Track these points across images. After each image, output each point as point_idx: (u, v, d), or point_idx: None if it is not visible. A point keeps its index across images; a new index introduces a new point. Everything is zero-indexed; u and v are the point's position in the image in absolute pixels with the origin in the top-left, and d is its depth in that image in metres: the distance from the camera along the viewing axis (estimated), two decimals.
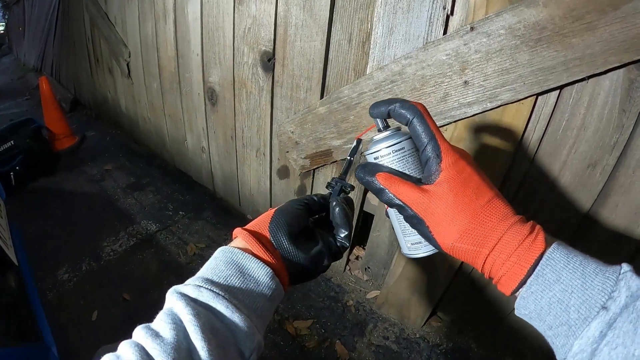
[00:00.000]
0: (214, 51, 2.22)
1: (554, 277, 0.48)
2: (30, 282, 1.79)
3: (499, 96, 1.17)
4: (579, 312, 0.45)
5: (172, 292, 0.57)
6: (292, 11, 1.65)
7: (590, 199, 1.18)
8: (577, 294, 0.46)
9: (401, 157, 0.62)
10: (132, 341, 0.51)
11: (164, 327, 0.52)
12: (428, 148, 0.57)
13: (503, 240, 0.52)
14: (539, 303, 0.48)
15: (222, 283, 0.59)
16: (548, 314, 0.48)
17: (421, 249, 0.65)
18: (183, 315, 0.53)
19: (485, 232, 0.53)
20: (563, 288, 0.47)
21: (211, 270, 0.61)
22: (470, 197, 0.55)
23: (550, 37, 1.03)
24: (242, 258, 0.62)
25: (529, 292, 0.49)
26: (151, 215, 2.79)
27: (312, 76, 1.70)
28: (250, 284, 0.61)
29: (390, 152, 0.62)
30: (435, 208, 0.56)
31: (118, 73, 3.64)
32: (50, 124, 3.81)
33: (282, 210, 0.69)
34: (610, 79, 1.03)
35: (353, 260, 2.22)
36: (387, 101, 0.61)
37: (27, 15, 7.44)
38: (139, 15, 2.92)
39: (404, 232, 0.67)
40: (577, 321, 0.45)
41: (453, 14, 1.23)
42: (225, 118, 2.39)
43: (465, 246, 0.54)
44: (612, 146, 1.08)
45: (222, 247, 0.66)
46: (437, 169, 0.57)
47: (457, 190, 0.55)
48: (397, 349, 1.78)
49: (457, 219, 0.55)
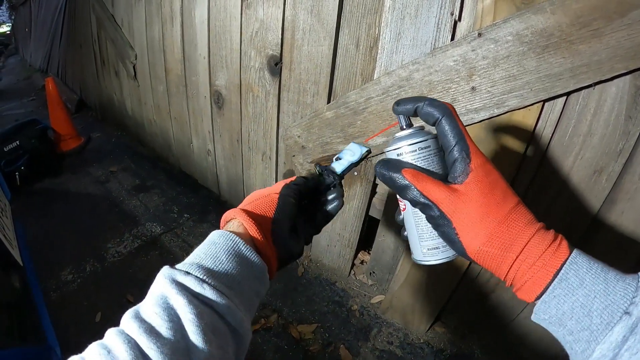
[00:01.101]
0: (221, 54, 2.23)
1: (577, 281, 0.47)
2: (34, 282, 1.79)
3: (506, 102, 1.17)
4: (602, 317, 0.45)
5: (169, 279, 0.53)
6: (300, 15, 1.66)
7: (596, 205, 1.18)
8: (599, 298, 0.46)
9: (427, 155, 0.59)
10: (123, 333, 0.48)
11: (160, 324, 0.49)
12: (456, 148, 0.55)
13: (530, 246, 0.51)
14: (561, 307, 0.48)
15: (224, 277, 0.57)
16: (570, 319, 0.47)
17: (438, 255, 0.64)
18: (183, 313, 0.50)
19: (513, 237, 0.52)
20: (586, 293, 0.47)
21: (211, 258, 0.58)
22: (498, 200, 0.54)
23: (557, 44, 1.03)
24: (245, 250, 0.60)
25: (551, 296, 0.49)
26: (156, 218, 2.80)
27: (319, 81, 1.71)
28: (248, 278, 0.60)
29: (415, 149, 0.59)
30: (465, 208, 0.54)
31: (124, 75, 3.65)
32: (56, 125, 3.83)
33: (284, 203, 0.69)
34: (616, 86, 1.03)
35: (358, 264, 2.22)
36: (413, 98, 0.60)
37: (33, 16, 7.47)
38: (146, 18, 2.93)
39: (421, 236, 0.64)
40: (600, 326, 0.45)
41: (461, 20, 1.23)
42: (231, 121, 2.40)
43: (493, 250, 0.53)
44: (618, 153, 1.09)
45: (221, 231, 0.62)
46: (465, 170, 0.55)
47: (487, 192, 0.54)
48: (401, 354, 1.78)
49: (486, 222, 0.53)
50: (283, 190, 0.70)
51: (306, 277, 2.21)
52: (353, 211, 1.91)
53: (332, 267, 2.24)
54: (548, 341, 1.51)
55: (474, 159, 0.55)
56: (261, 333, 1.87)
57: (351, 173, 1.75)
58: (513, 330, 1.60)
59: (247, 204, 0.71)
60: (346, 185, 1.85)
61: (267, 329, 1.89)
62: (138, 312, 0.51)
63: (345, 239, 2.06)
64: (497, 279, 1.51)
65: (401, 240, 1.80)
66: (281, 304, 2.03)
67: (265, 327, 1.89)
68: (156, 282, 0.55)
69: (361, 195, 1.83)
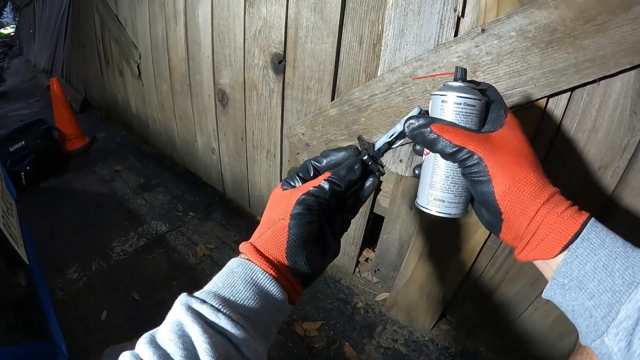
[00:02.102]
0: (225, 53, 2.23)
1: (598, 241, 0.48)
2: (40, 280, 1.80)
3: (510, 98, 1.17)
4: (624, 277, 0.45)
5: (185, 307, 0.53)
6: (303, 13, 1.66)
7: (601, 202, 1.18)
8: (620, 260, 0.46)
9: (468, 112, 0.59)
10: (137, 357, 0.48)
11: (174, 351, 0.48)
12: (497, 104, 0.61)
13: (555, 198, 0.53)
14: (584, 268, 0.48)
15: (240, 307, 0.55)
16: (592, 280, 0.47)
17: (441, 207, 0.63)
18: (198, 342, 0.49)
19: (542, 185, 0.54)
20: (608, 253, 0.47)
21: (228, 288, 0.57)
22: (527, 153, 0.57)
23: (561, 39, 1.03)
24: (262, 278, 0.58)
25: (574, 255, 0.49)
26: (161, 216, 2.81)
27: (323, 78, 1.71)
28: (266, 310, 0.58)
29: (462, 102, 0.59)
30: (497, 149, 0.56)
31: (128, 74, 3.67)
32: (61, 125, 3.84)
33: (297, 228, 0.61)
34: (621, 81, 1.03)
35: (362, 262, 2.22)
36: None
37: (37, 17, 7.50)
38: (150, 17, 2.94)
39: (432, 185, 0.63)
40: (623, 287, 0.45)
41: (464, 16, 1.23)
42: (235, 119, 2.40)
43: (522, 191, 0.53)
44: (623, 148, 1.08)
45: (240, 259, 0.60)
46: (501, 121, 0.59)
47: (519, 139, 0.58)
48: (406, 351, 1.78)
49: (518, 164, 0.55)
50: (295, 209, 0.62)
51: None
52: None
53: (337, 265, 2.24)
54: (552, 338, 1.51)
55: (509, 116, 0.60)
56: None
57: None
58: (518, 327, 1.60)
59: (258, 235, 0.64)
60: None
61: None
62: (154, 337, 0.51)
63: (350, 237, 2.06)
64: (502, 276, 1.52)
65: (406, 238, 1.80)
66: None
67: None
68: (173, 309, 0.55)
69: None
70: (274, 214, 0.65)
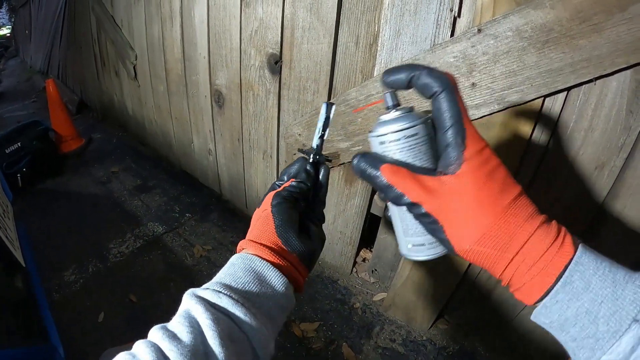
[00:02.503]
0: (221, 54, 2.23)
1: (582, 285, 0.43)
2: (36, 282, 1.80)
3: (507, 98, 1.17)
4: (609, 324, 0.41)
5: (190, 295, 0.56)
6: (299, 14, 1.66)
7: (598, 201, 1.18)
8: (607, 304, 0.41)
9: (413, 144, 0.51)
10: (148, 341, 0.50)
11: (181, 330, 0.51)
12: (451, 131, 0.48)
13: (529, 244, 0.46)
14: (564, 313, 0.44)
15: (241, 289, 0.59)
16: (573, 326, 0.43)
17: (423, 252, 0.56)
18: (201, 319, 0.52)
19: (510, 234, 0.46)
20: (592, 297, 0.42)
21: (229, 276, 0.60)
22: (495, 193, 0.47)
23: (557, 39, 1.03)
24: (260, 265, 0.62)
25: (553, 301, 0.44)
26: (157, 217, 2.80)
27: (319, 78, 1.70)
28: (267, 292, 0.61)
29: (400, 137, 0.51)
30: (453, 205, 0.48)
31: (124, 75, 3.66)
32: (57, 126, 3.83)
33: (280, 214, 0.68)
34: (617, 81, 1.03)
35: (360, 262, 2.22)
36: (408, 66, 0.50)
37: (33, 18, 7.47)
38: (146, 18, 2.93)
39: (406, 232, 0.57)
40: (606, 334, 0.41)
41: (460, 16, 1.23)
42: (232, 120, 2.40)
43: (486, 250, 0.47)
44: (620, 148, 1.08)
45: (239, 254, 0.66)
46: (458, 157, 0.47)
47: (482, 185, 0.47)
48: (404, 351, 1.78)
49: (480, 219, 0.47)
50: (273, 200, 0.70)
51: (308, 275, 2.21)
52: (354, 209, 1.91)
53: (334, 265, 2.24)
54: (551, 338, 1.51)
55: (469, 145, 0.48)
56: None
57: None
58: (516, 327, 1.60)
59: (250, 231, 0.71)
60: (347, 183, 1.85)
61: None
62: (164, 324, 0.54)
63: (347, 237, 2.06)
64: None
65: None
66: None
67: None
68: (182, 302, 0.58)
69: (362, 193, 1.82)
70: (259, 212, 0.73)
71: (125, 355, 0.49)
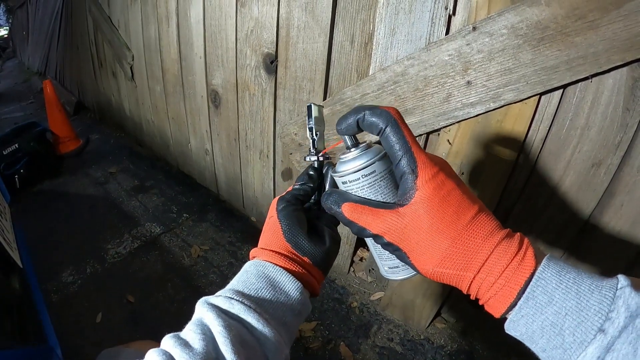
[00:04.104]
0: (217, 54, 2.22)
1: (545, 299, 0.44)
2: (34, 283, 1.79)
3: (502, 96, 1.16)
4: (574, 335, 0.41)
5: (203, 302, 0.57)
6: (294, 13, 1.66)
7: (594, 199, 1.18)
8: (571, 316, 0.42)
9: (372, 182, 0.55)
10: (160, 349, 0.51)
11: (193, 337, 0.51)
12: (402, 162, 0.50)
13: (489, 262, 0.47)
14: (531, 327, 0.45)
15: (253, 296, 0.59)
16: (541, 338, 0.44)
17: (399, 273, 0.61)
18: (213, 326, 0.52)
19: (469, 254, 0.48)
20: (556, 310, 0.43)
21: (242, 283, 0.61)
22: (451, 216, 0.49)
23: (552, 36, 1.03)
24: (273, 271, 0.62)
25: (518, 315, 0.46)
26: (155, 218, 2.80)
27: (315, 78, 1.70)
28: (280, 298, 0.60)
29: (359, 177, 0.55)
30: (411, 233, 0.50)
31: (122, 76, 3.66)
32: (54, 127, 3.83)
33: (287, 218, 0.66)
34: (613, 78, 1.03)
35: (357, 261, 2.21)
36: (353, 111, 0.54)
37: (30, 19, 7.48)
38: (142, 19, 2.93)
39: (380, 257, 0.62)
40: (573, 344, 0.41)
41: (455, 14, 1.23)
42: (228, 120, 2.39)
43: (447, 271, 0.49)
44: (617, 145, 1.08)
45: (252, 261, 0.65)
46: (412, 187, 0.50)
47: (435, 211, 0.49)
48: (402, 350, 1.78)
49: (436, 244, 0.49)
50: (278, 205, 0.68)
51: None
52: None
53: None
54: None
55: (421, 173, 0.50)
56: None
57: None
58: None
59: (261, 239, 0.70)
60: None
61: None
62: (177, 332, 0.54)
63: (344, 236, 2.05)
64: None
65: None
66: None
67: None
68: (194, 311, 0.58)
69: None
70: (266, 221, 0.70)
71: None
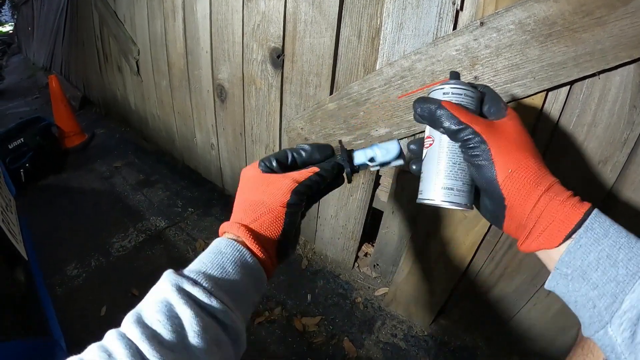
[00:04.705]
0: (223, 48, 2.22)
1: (602, 231, 0.48)
2: (39, 276, 1.80)
3: (509, 92, 1.16)
4: (628, 267, 0.45)
5: (175, 287, 0.53)
6: (301, 7, 1.66)
7: (600, 196, 1.18)
8: (624, 250, 0.46)
9: (469, 101, 0.62)
10: (125, 339, 0.48)
11: (163, 332, 0.48)
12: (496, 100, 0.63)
13: (556, 187, 0.54)
14: (587, 258, 0.48)
15: (229, 289, 0.57)
16: (595, 270, 0.47)
17: (449, 197, 0.62)
18: (189, 325, 0.49)
19: (543, 173, 0.54)
20: (612, 243, 0.47)
21: (219, 269, 0.58)
22: (529, 141, 0.58)
23: (560, 32, 1.02)
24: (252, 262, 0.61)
25: (577, 245, 0.49)
26: (160, 212, 2.81)
27: (322, 72, 1.70)
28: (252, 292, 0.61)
29: (461, 92, 0.62)
30: (501, 136, 0.57)
31: (127, 71, 3.66)
32: (60, 122, 3.84)
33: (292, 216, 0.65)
34: (620, 75, 1.03)
35: (362, 257, 2.22)
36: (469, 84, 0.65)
37: (35, 14, 7.49)
38: (148, 13, 2.93)
39: (439, 172, 0.63)
40: (626, 277, 0.44)
41: (463, 9, 1.22)
42: (234, 115, 2.40)
43: (524, 176, 0.54)
44: (623, 142, 1.08)
45: (228, 240, 0.62)
46: (503, 112, 0.60)
47: (519, 132, 0.58)
48: (405, 346, 1.78)
49: (520, 150, 0.56)
50: (292, 199, 0.64)
51: (310, 269, 2.21)
52: (357, 203, 1.91)
53: (336, 260, 2.24)
54: (552, 333, 1.51)
55: (510, 109, 0.61)
56: (265, 325, 1.88)
57: None
58: (517, 322, 1.60)
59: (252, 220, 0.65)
60: None
61: (271, 322, 1.89)
62: (140, 316, 0.51)
63: (349, 232, 2.06)
64: (502, 271, 1.51)
65: (405, 232, 1.80)
66: (285, 297, 2.04)
67: (270, 320, 1.90)
68: (159, 287, 0.55)
69: (365, 187, 1.82)
70: (266, 199, 0.65)
71: (99, 351, 0.47)
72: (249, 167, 0.71)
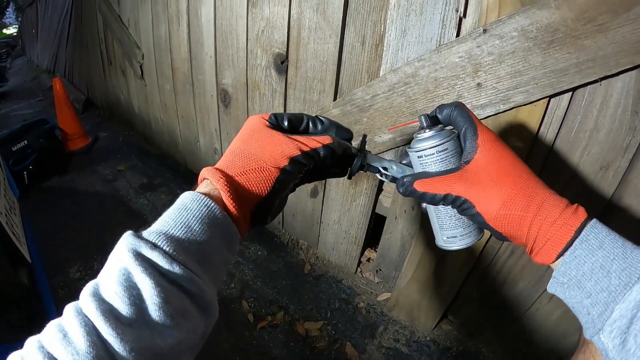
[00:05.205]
0: (227, 53, 2.23)
1: (597, 243, 0.50)
2: (42, 278, 1.81)
3: (512, 98, 1.17)
4: (620, 278, 0.47)
5: (132, 252, 0.46)
6: (306, 14, 1.67)
7: (602, 202, 1.18)
8: (618, 261, 0.48)
9: (444, 157, 0.64)
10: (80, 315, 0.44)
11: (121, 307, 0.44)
12: (467, 129, 0.62)
13: (547, 204, 0.54)
14: (581, 268, 0.50)
15: (195, 251, 0.50)
16: (589, 280, 0.49)
17: (456, 243, 0.69)
18: (149, 297, 0.44)
19: (528, 197, 0.55)
20: (605, 254, 0.49)
21: (183, 228, 0.51)
22: (508, 167, 0.58)
23: (562, 39, 1.03)
24: (222, 219, 0.54)
25: (572, 256, 0.51)
26: None
27: (325, 78, 1.71)
28: (222, 253, 0.54)
29: (434, 152, 0.64)
30: (476, 184, 0.59)
31: (131, 74, 3.67)
32: (63, 125, 3.86)
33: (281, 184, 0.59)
34: (622, 81, 1.03)
35: (364, 262, 2.22)
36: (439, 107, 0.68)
37: (40, 17, 7.53)
38: (152, 18, 2.94)
39: (441, 226, 0.70)
40: (618, 287, 0.47)
41: (465, 17, 1.23)
42: (238, 120, 2.40)
43: (510, 212, 0.56)
44: (625, 148, 1.08)
45: (195, 194, 0.55)
46: (474, 146, 0.61)
47: (496, 161, 0.59)
48: (408, 351, 1.78)
49: (499, 187, 0.57)
50: (288, 166, 0.59)
51: (312, 274, 2.22)
52: (360, 208, 1.92)
53: (339, 265, 2.25)
54: (555, 338, 1.51)
55: (480, 135, 0.61)
56: (268, 330, 1.88)
57: None
58: (520, 328, 1.60)
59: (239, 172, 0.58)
60: (352, 182, 1.86)
61: (273, 326, 1.89)
62: (97, 288, 0.47)
63: (352, 237, 2.06)
64: (504, 276, 1.52)
65: (408, 238, 1.80)
66: (288, 301, 2.04)
67: (272, 324, 1.90)
68: (117, 253, 0.48)
69: (368, 193, 1.83)
70: (263, 155, 0.59)
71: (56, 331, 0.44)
72: (256, 117, 0.65)
